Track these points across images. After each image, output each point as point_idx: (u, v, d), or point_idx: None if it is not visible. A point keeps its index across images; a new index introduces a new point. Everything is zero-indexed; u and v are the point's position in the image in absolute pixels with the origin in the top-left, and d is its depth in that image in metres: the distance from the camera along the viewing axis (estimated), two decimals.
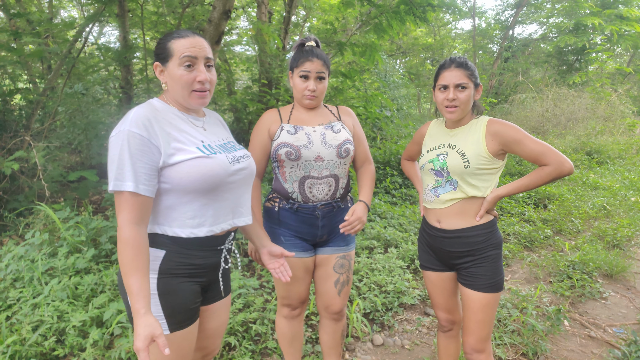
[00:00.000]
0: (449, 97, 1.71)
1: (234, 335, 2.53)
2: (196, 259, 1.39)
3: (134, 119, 1.27)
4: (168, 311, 1.34)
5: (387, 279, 3.31)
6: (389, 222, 4.62)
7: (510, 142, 1.67)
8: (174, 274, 1.35)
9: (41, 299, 2.44)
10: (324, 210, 1.89)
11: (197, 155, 1.34)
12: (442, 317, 2.00)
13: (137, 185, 1.24)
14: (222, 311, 1.61)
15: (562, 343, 2.82)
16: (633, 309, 3.34)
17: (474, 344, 1.78)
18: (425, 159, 1.86)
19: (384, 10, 5.74)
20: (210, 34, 4.36)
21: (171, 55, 1.36)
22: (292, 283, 1.95)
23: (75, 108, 5.33)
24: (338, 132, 1.89)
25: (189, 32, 1.39)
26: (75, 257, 2.85)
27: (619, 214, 5.79)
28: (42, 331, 2.25)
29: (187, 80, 1.36)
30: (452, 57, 1.77)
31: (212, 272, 1.48)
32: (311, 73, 1.82)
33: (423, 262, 1.98)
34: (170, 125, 1.35)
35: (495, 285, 1.74)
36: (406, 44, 15.73)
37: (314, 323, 2.84)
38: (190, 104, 1.42)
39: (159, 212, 1.35)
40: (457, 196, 1.75)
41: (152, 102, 1.40)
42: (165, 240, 1.35)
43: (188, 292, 1.38)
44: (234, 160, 1.44)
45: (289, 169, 1.85)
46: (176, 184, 1.31)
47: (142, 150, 1.25)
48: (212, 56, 1.42)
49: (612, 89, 14.35)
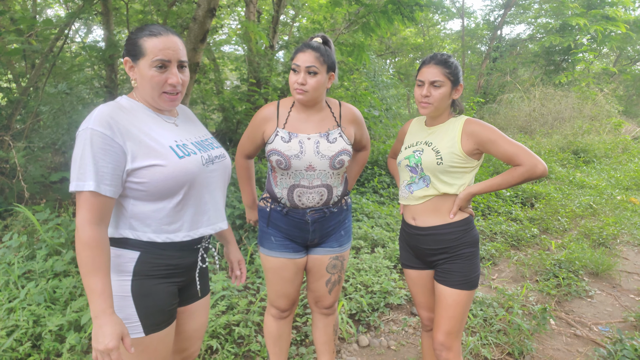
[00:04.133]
0: (423, 93, 1.72)
1: (217, 338, 2.48)
2: (172, 259, 1.36)
3: (97, 117, 1.22)
4: (143, 313, 1.30)
5: (374, 279, 3.28)
6: (376, 221, 4.60)
7: (485, 142, 1.67)
8: (148, 275, 1.31)
9: (17, 303, 2.37)
10: (314, 216, 1.85)
11: (170, 156, 1.29)
12: (424, 316, 2.00)
13: (99, 185, 1.19)
14: (201, 312, 1.57)
15: (548, 342, 2.81)
16: (619, 307, 3.36)
17: (443, 339, 1.77)
18: (403, 156, 1.86)
19: (372, 9, 5.73)
20: (195, 32, 4.30)
21: (143, 54, 1.30)
22: (282, 284, 1.92)
23: (59, 107, 5.23)
24: (334, 141, 1.80)
25: (161, 29, 1.32)
26: (54, 259, 2.78)
27: (605, 212, 5.84)
28: (17, 336, 2.19)
29: (158, 81, 1.31)
30: (435, 53, 1.76)
31: (188, 272, 1.45)
32: (300, 66, 1.71)
33: (403, 261, 1.98)
34: (139, 125, 1.30)
35: (468, 283, 1.74)
36: (395, 44, 15.77)
37: (299, 325, 2.80)
38: (160, 105, 1.37)
39: (132, 217, 1.31)
40: (430, 193, 1.75)
41: (120, 100, 1.35)
42: (139, 243, 1.31)
43: (164, 293, 1.34)
44: (208, 161, 1.40)
45: (279, 175, 1.81)
46: (149, 187, 1.27)
47: (104, 149, 1.20)
48: (185, 58, 1.37)
49: (598, 89, 14.52)
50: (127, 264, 1.29)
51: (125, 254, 1.30)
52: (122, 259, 1.29)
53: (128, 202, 1.30)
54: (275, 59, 7.60)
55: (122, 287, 1.28)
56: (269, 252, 1.90)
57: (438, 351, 1.80)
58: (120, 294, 1.28)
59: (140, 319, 1.30)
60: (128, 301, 1.28)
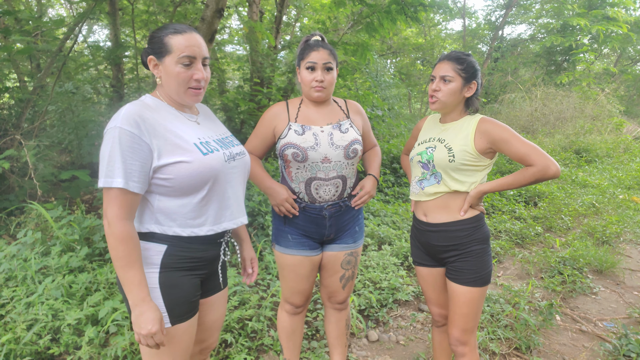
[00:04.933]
0: (432, 87, 1.77)
1: (230, 332, 2.53)
2: (197, 252, 1.41)
3: (125, 116, 1.26)
4: (170, 304, 1.34)
5: (382, 276, 3.33)
6: (382, 219, 4.64)
7: (498, 141, 1.68)
8: (175, 267, 1.36)
9: (35, 297, 2.42)
10: (331, 210, 1.88)
11: (195, 153, 1.33)
12: (435, 312, 2.03)
13: (127, 182, 1.23)
14: (220, 304, 1.62)
15: (554, 337, 2.86)
16: (623, 303, 3.40)
17: (459, 335, 1.80)
18: (415, 152, 1.88)
19: (375, 9, 5.76)
20: (203, 32, 4.35)
21: (169, 52, 1.34)
22: (298, 280, 1.96)
23: (66, 107, 5.27)
24: (346, 131, 1.86)
25: (185, 28, 1.37)
26: (69, 255, 2.82)
27: (607, 211, 5.88)
28: (36, 330, 2.23)
29: (185, 77, 1.36)
30: (452, 51, 1.78)
31: (211, 264, 1.50)
32: (317, 63, 1.78)
33: (415, 258, 2.00)
34: (164, 123, 1.34)
35: (480, 280, 1.75)
36: (397, 44, 15.79)
37: (310, 320, 2.84)
38: (185, 100, 1.41)
39: (158, 212, 1.35)
40: (441, 190, 1.77)
41: (145, 99, 1.39)
42: (165, 237, 1.36)
43: (189, 285, 1.39)
44: (230, 157, 1.45)
45: (295, 169, 1.83)
46: (175, 183, 1.31)
47: (132, 148, 1.24)
48: (208, 55, 1.42)
49: (600, 89, 14.56)
50: (154, 256, 1.34)
51: (153, 247, 1.34)
52: (149, 252, 1.34)
53: (154, 197, 1.34)
54: (278, 59, 7.65)
55: (150, 279, 1.33)
56: (286, 249, 1.92)
57: (454, 346, 1.83)
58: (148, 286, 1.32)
59: (167, 310, 1.35)
60: (156, 292, 1.33)
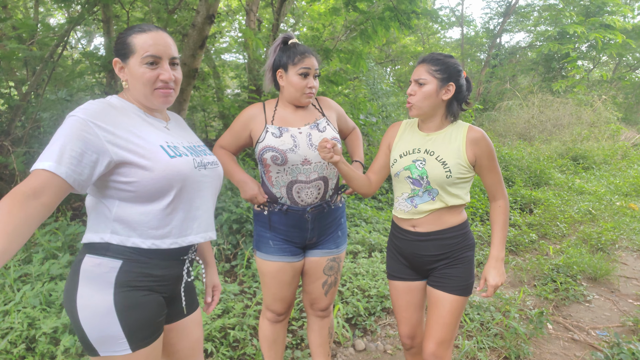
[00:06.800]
0: (408, 91, 1.68)
1: (212, 341, 2.48)
2: (157, 269, 1.26)
3: (84, 107, 1.16)
4: (129, 329, 1.19)
5: (371, 284, 3.27)
6: (374, 226, 4.60)
7: (485, 156, 1.64)
8: (132, 286, 1.21)
9: (12, 305, 2.38)
10: (314, 212, 1.85)
11: (160, 154, 1.22)
12: (405, 334, 1.89)
13: (58, 165, 1.06)
14: (193, 327, 1.46)
15: (545, 346, 2.80)
16: (617, 311, 3.34)
17: (435, 349, 1.68)
18: (401, 166, 1.73)
19: (369, 16, 5.78)
20: (194, 39, 4.34)
21: (132, 52, 1.25)
22: (279, 287, 1.92)
23: (59, 114, 5.26)
24: (324, 130, 1.84)
25: (151, 26, 1.29)
26: (51, 262, 2.78)
27: (604, 218, 5.83)
28: (11, 338, 2.18)
29: (150, 78, 1.26)
30: (429, 53, 1.71)
31: (173, 286, 1.34)
32: (311, 70, 1.78)
33: (392, 272, 1.87)
34: (129, 122, 1.23)
35: (466, 289, 1.69)
36: (395, 52, 15.85)
37: (295, 328, 2.79)
38: (153, 103, 1.31)
39: (116, 220, 1.21)
40: (436, 206, 1.68)
41: (109, 99, 1.29)
42: (122, 249, 1.21)
43: (152, 304, 1.24)
44: (200, 165, 1.33)
45: (275, 173, 1.80)
46: (138, 187, 1.19)
47: (79, 135, 1.10)
48: (177, 54, 1.32)
49: (597, 96, 14.56)
50: (107, 274, 1.19)
51: (105, 262, 1.20)
52: (101, 268, 1.19)
53: (113, 203, 1.22)
54: None
55: (104, 302, 1.17)
56: (267, 256, 1.89)
57: None
58: (101, 310, 1.17)
59: (127, 335, 1.19)
60: (110, 317, 1.17)
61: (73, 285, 1.20)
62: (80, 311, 1.17)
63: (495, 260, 1.67)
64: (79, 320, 1.17)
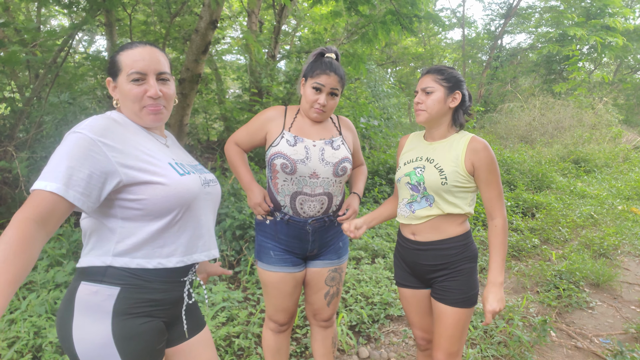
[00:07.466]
0: (415, 100, 1.73)
1: (216, 350, 2.49)
2: (156, 293, 1.21)
3: (90, 124, 1.12)
4: (130, 358, 1.15)
5: (374, 290, 3.28)
6: (376, 232, 4.60)
7: (484, 168, 1.64)
8: (131, 313, 1.16)
9: (17, 314, 2.38)
10: (315, 225, 1.86)
11: (170, 172, 1.21)
12: (419, 336, 1.95)
13: (67, 189, 1.02)
14: (201, 350, 1.40)
15: (548, 354, 2.80)
16: (620, 318, 3.35)
17: (443, 359, 1.72)
18: (402, 172, 1.80)
19: (371, 19, 5.78)
20: (197, 44, 4.35)
21: (120, 70, 1.23)
22: (281, 298, 1.92)
23: (62, 117, 5.27)
24: (337, 148, 1.84)
25: (139, 43, 1.26)
26: (56, 270, 2.79)
27: (606, 222, 5.83)
28: (17, 347, 2.19)
29: (137, 94, 1.22)
30: (432, 65, 1.78)
31: (174, 309, 1.29)
32: (325, 87, 1.76)
33: (398, 279, 1.91)
34: (135, 140, 1.20)
35: (468, 301, 1.70)
36: (396, 54, 15.88)
37: (299, 336, 2.80)
38: (143, 121, 1.26)
39: (119, 241, 1.16)
40: (433, 213, 1.70)
41: (111, 114, 1.25)
42: (123, 274, 1.16)
43: (152, 332, 1.19)
44: (205, 182, 1.33)
45: (282, 181, 1.80)
46: (148, 204, 1.16)
47: (87, 155, 1.06)
48: (167, 69, 1.28)
49: (598, 98, 14.56)
50: (104, 302, 1.14)
51: (102, 290, 1.14)
52: (98, 296, 1.14)
53: (116, 223, 1.17)
54: (276, 69, 7.67)
55: (102, 332, 1.13)
56: (268, 266, 1.89)
57: None
58: (100, 342, 1.12)
59: None
60: (109, 348, 1.13)
61: (68, 315, 1.15)
62: (77, 343, 1.13)
63: (493, 285, 1.64)
64: (76, 353, 1.13)
